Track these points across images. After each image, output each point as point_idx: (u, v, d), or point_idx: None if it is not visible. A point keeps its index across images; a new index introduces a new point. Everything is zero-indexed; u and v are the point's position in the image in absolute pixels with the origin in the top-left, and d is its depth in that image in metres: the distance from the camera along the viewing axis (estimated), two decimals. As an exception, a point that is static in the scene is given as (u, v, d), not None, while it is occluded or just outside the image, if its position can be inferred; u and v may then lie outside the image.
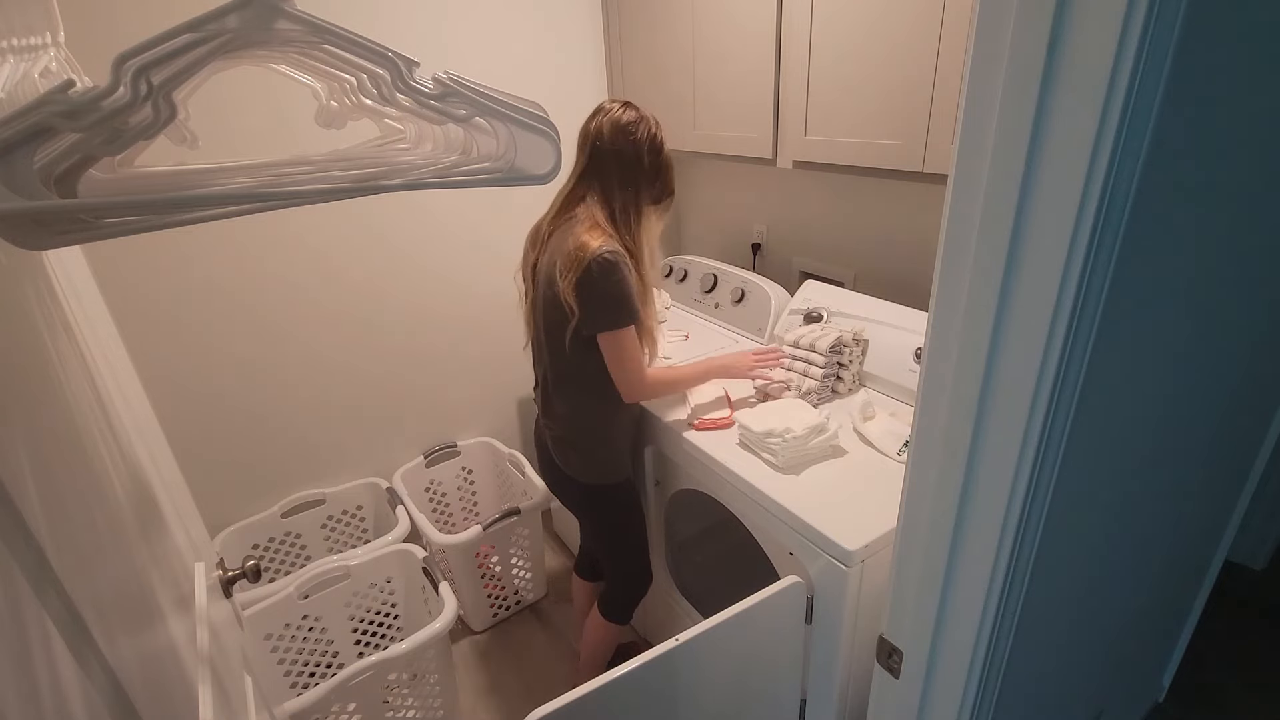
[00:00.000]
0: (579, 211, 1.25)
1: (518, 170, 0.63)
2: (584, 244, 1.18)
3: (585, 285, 1.18)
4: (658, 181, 1.27)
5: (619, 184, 1.23)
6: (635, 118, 1.23)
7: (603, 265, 1.17)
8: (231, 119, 1.51)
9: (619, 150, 1.22)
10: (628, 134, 1.22)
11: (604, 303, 1.19)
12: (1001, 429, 0.58)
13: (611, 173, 1.23)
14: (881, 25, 1.22)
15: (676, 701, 1.00)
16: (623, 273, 1.19)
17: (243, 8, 0.46)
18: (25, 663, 0.33)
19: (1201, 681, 1.63)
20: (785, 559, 1.17)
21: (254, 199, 0.53)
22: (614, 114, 1.23)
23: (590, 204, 1.24)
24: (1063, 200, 0.48)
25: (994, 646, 0.69)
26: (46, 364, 0.54)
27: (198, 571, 0.83)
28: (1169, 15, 0.43)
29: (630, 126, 1.22)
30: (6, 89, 0.48)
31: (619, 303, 1.19)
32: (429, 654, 1.46)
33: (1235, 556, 1.95)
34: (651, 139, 1.24)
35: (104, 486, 0.58)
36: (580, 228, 1.21)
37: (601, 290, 1.18)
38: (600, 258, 1.16)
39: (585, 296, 1.19)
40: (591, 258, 1.16)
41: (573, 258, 1.18)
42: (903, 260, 1.63)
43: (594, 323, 1.21)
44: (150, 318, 1.55)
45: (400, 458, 2.04)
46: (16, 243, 0.45)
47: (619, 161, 1.22)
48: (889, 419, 1.34)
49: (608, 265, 1.17)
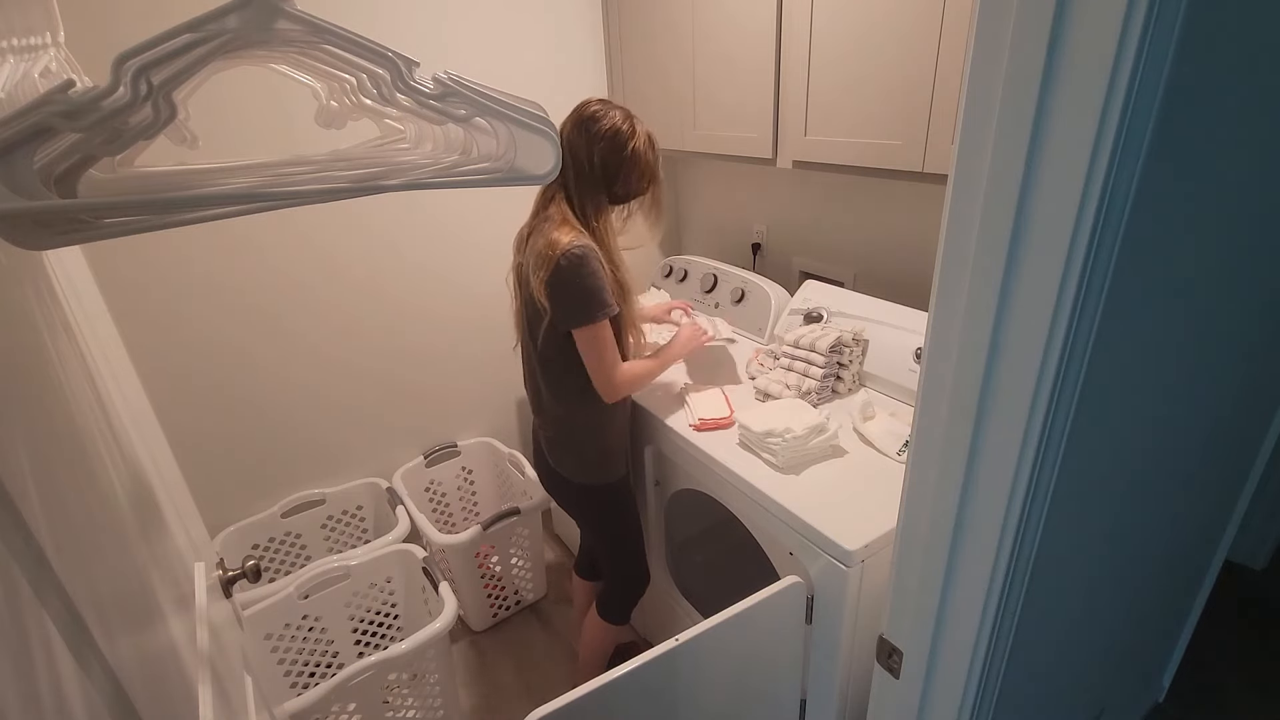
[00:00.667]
0: (551, 210, 1.24)
1: (518, 170, 0.63)
2: (553, 241, 1.17)
3: (555, 281, 1.17)
4: (619, 179, 1.24)
5: (575, 179, 1.22)
6: (599, 112, 1.21)
7: (571, 260, 1.16)
8: (231, 119, 1.50)
9: (573, 145, 1.21)
10: (585, 128, 1.20)
11: (574, 298, 1.18)
12: (1001, 429, 0.58)
13: (569, 168, 1.22)
14: (881, 25, 1.22)
15: (676, 701, 1.00)
16: (592, 266, 1.17)
17: (243, 8, 0.46)
18: (25, 663, 0.33)
19: (1201, 681, 1.63)
20: (785, 559, 1.17)
21: (254, 199, 0.53)
22: (581, 109, 1.22)
23: (559, 201, 1.24)
24: (1063, 200, 0.48)
25: (994, 646, 0.69)
26: (46, 364, 0.54)
27: (198, 571, 0.83)
28: (1169, 15, 0.43)
29: (589, 121, 1.20)
30: (6, 89, 0.48)
31: (589, 296, 1.18)
32: (429, 654, 1.46)
33: (1235, 556, 1.95)
34: (613, 134, 1.21)
35: (104, 486, 0.58)
36: (550, 225, 1.21)
37: (571, 285, 1.17)
38: (568, 253, 1.16)
39: (556, 293, 1.18)
40: (560, 253, 1.16)
41: (543, 255, 1.18)
42: (903, 260, 1.63)
43: (566, 318, 1.20)
44: (150, 317, 1.55)
45: (400, 457, 2.04)
46: (16, 243, 0.45)
47: (573, 156, 1.21)
48: (889, 419, 1.34)
49: (576, 259, 1.16)
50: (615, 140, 1.21)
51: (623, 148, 1.22)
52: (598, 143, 1.20)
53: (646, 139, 1.25)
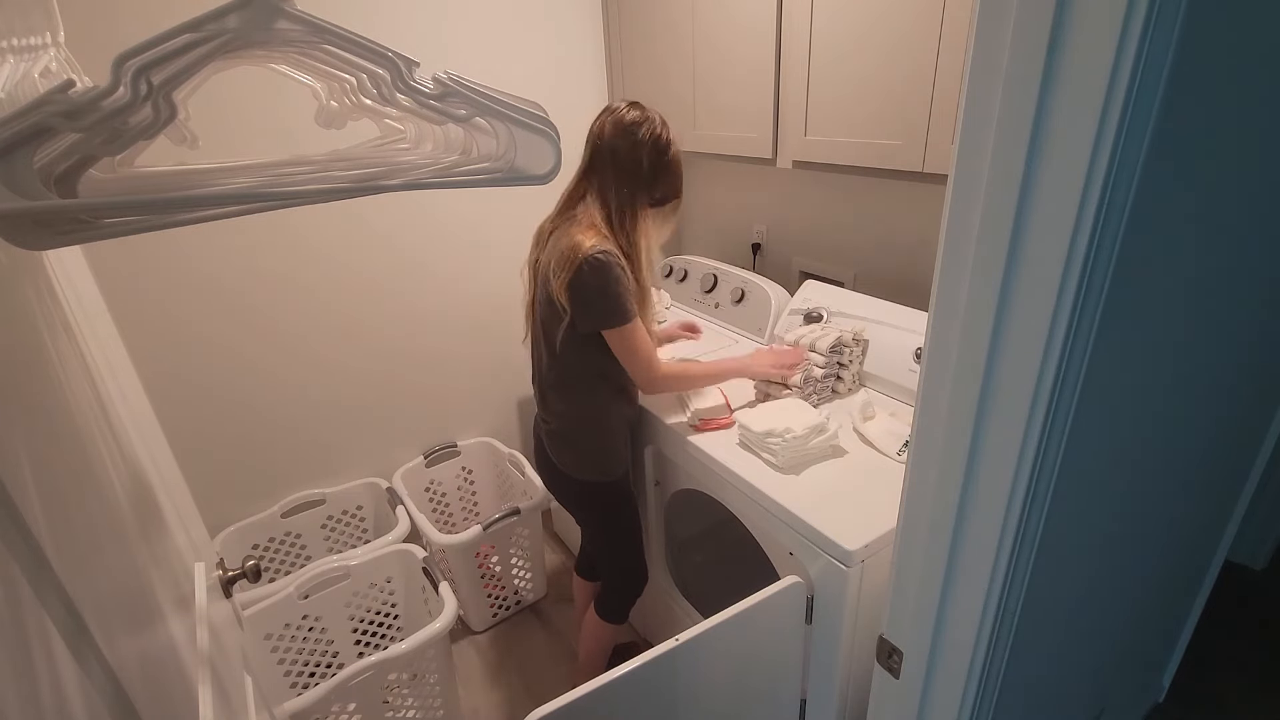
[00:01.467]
0: (578, 211, 1.25)
1: (518, 170, 0.63)
2: (577, 244, 1.18)
3: (577, 285, 1.18)
4: (658, 184, 1.25)
5: (615, 184, 1.22)
6: (639, 117, 1.22)
7: (594, 265, 1.16)
8: (231, 119, 1.50)
9: (615, 149, 1.21)
10: (628, 133, 1.21)
11: (597, 302, 1.19)
12: (1001, 429, 0.58)
13: (608, 172, 1.22)
14: (881, 25, 1.22)
15: (676, 701, 1.00)
16: (615, 273, 1.18)
17: (243, 8, 0.46)
18: (25, 663, 0.33)
19: (1201, 681, 1.63)
20: (785, 559, 1.17)
21: (254, 199, 0.53)
22: (618, 113, 1.23)
23: (589, 203, 1.24)
24: (1063, 200, 0.48)
25: (994, 646, 0.69)
26: (46, 364, 0.53)
27: (198, 571, 0.83)
28: (1169, 15, 0.43)
29: (632, 126, 1.21)
30: (6, 89, 0.48)
31: (613, 301, 1.19)
32: (429, 654, 1.46)
33: (1235, 557, 1.95)
34: (655, 140, 1.22)
35: (104, 486, 0.58)
36: (576, 227, 1.21)
37: (594, 290, 1.18)
38: (592, 258, 1.16)
39: (577, 296, 1.19)
40: (583, 258, 1.16)
41: (565, 257, 1.18)
42: (903, 260, 1.63)
43: (590, 321, 1.21)
44: (150, 318, 1.55)
45: (400, 457, 2.04)
46: (16, 243, 0.45)
47: (615, 161, 1.21)
48: (889, 419, 1.34)
49: (599, 265, 1.16)
50: (658, 144, 1.23)
51: (664, 151, 1.24)
52: (644, 147, 1.21)
53: (677, 143, 1.27)
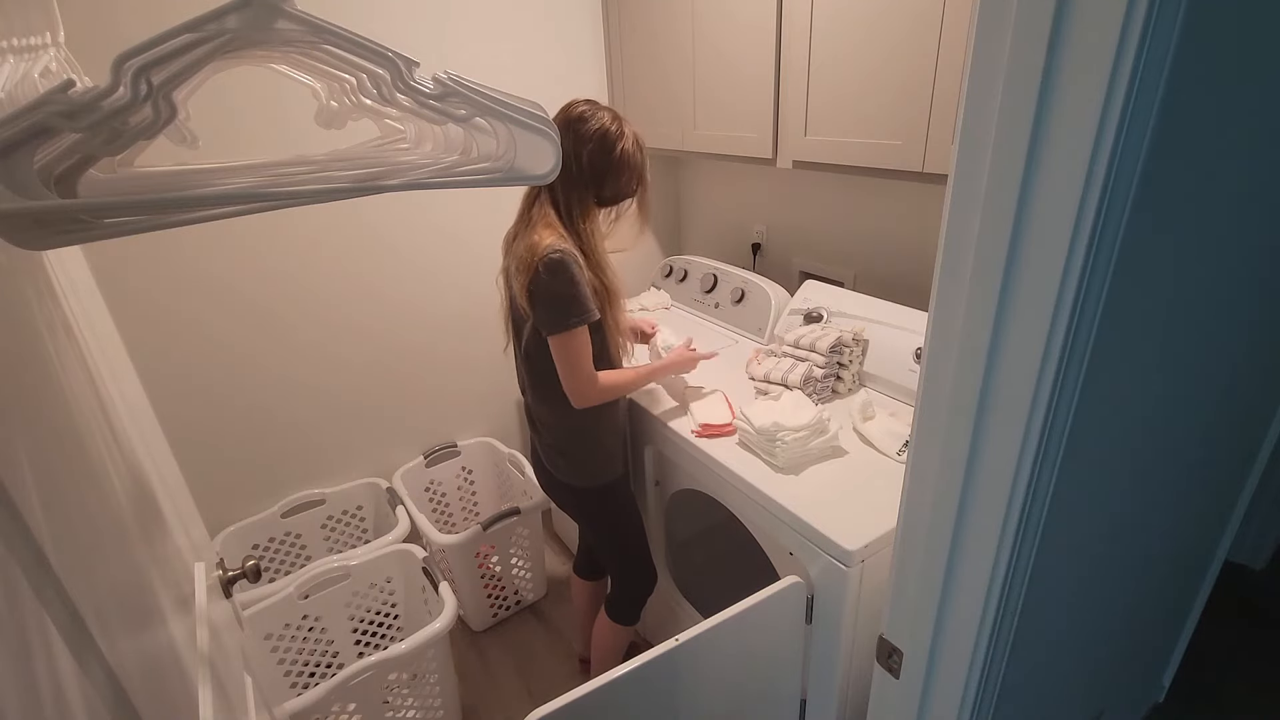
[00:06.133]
0: (534, 212, 1.22)
1: (518, 170, 0.63)
2: (533, 245, 1.16)
3: (535, 287, 1.16)
4: (606, 181, 1.22)
5: (561, 181, 1.19)
6: (587, 113, 1.19)
7: (549, 265, 1.14)
8: (231, 119, 1.50)
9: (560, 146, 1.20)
10: (573, 129, 1.18)
11: (553, 303, 1.16)
12: (1001, 429, 0.58)
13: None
14: (881, 25, 1.22)
15: (676, 701, 1.00)
16: (571, 271, 1.15)
17: (243, 8, 0.46)
18: (25, 663, 0.33)
19: (1201, 681, 1.63)
20: (785, 559, 1.17)
21: (254, 199, 0.53)
22: (568, 110, 1.20)
23: (542, 203, 1.22)
24: (1063, 200, 0.48)
25: (994, 646, 0.69)
26: (46, 364, 0.53)
27: (198, 571, 0.83)
28: (1169, 15, 0.43)
29: (576, 122, 1.18)
30: (6, 89, 0.48)
31: (568, 303, 1.16)
32: (429, 654, 1.47)
33: (1235, 556, 1.95)
34: (601, 136, 1.19)
35: (104, 486, 0.58)
36: (533, 230, 1.19)
37: (550, 290, 1.15)
38: (546, 258, 1.14)
39: (536, 298, 1.17)
40: (539, 259, 1.14)
41: (524, 261, 1.17)
42: (903, 260, 1.63)
43: (545, 324, 1.19)
44: (150, 318, 1.55)
45: (400, 458, 2.04)
46: (16, 243, 0.44)
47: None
48: (889, 419, 1.34)
49: (554, 264, 1.14)
50: (604, 141, 1.19)
51: (611, 149, 1.20)
52: (586, 144, 1.19)
53: (634, 140, 1.24)
